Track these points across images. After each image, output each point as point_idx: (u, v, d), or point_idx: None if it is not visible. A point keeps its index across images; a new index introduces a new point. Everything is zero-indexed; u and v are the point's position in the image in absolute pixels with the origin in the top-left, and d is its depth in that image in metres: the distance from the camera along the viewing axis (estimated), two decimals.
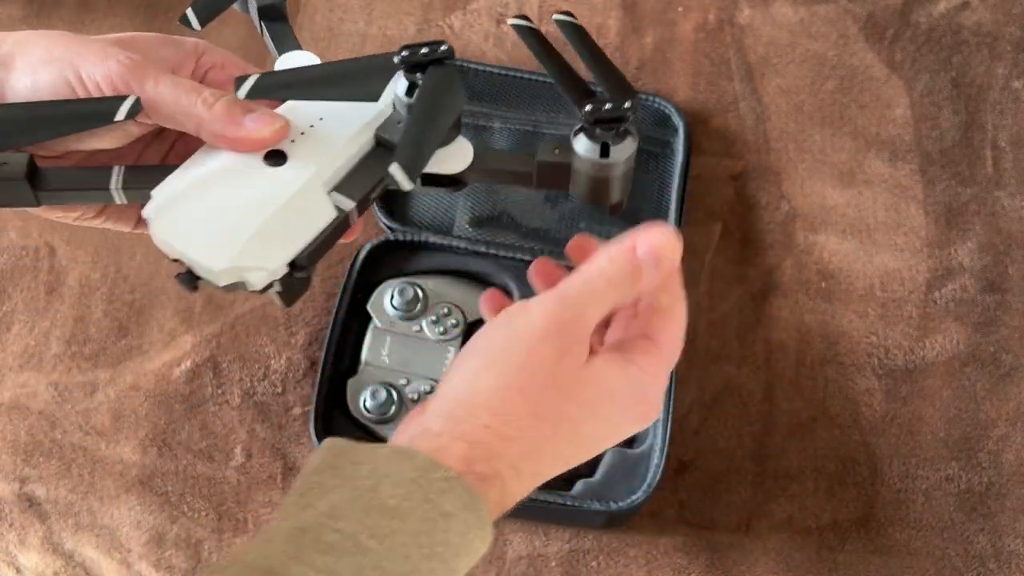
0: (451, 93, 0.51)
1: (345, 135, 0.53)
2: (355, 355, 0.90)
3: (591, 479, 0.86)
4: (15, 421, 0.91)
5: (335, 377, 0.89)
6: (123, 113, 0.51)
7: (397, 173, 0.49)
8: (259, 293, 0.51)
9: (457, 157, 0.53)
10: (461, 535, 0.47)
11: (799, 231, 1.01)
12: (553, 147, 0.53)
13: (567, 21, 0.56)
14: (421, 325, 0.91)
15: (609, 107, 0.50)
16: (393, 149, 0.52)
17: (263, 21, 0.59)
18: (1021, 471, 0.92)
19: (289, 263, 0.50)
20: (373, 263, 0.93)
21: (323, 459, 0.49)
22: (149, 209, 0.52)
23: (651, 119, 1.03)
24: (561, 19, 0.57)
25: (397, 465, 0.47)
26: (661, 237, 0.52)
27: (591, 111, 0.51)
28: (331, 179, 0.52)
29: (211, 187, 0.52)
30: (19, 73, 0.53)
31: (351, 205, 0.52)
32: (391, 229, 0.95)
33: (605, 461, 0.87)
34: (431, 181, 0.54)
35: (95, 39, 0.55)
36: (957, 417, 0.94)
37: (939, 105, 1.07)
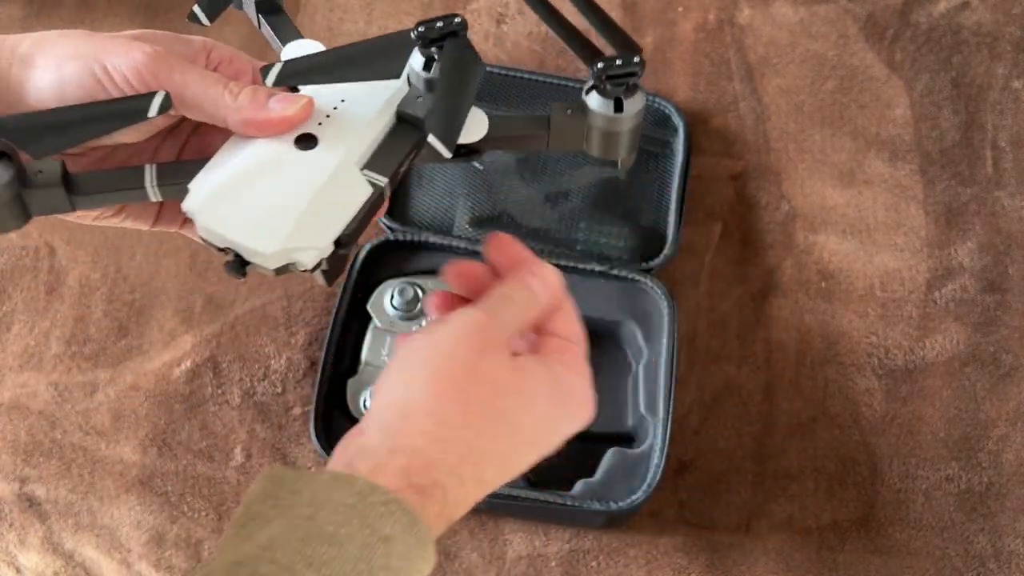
0: (472, 62, 0.53)
1: (368, 114, 0.54)
2: (355, 355, 0.90)
3: (591, 479, 0.86)
4: (15, 421, 0.91)
5: (335, 377, 0.89)
6: (155, 108, 0.52)
7: (436, 143, 0.51)
8: (308, 272, 0.52)
9: (474, 126, 0.55)
10: (402, 557, 0.47)
11: (799, 231, 1.01)
12: (566, 108, 0.55)
13: None
14: (421, 325, 0.91)
15: (620, 63, 0.52)
16: (416, 123, 0.54)
17: (261, 15, 0.60)
18: (1021, 471, 0.92)
19: (334, 241, 0.52)
20: (373, 263, 0.93)
21: (263, 488, 0.49)
22: (190, 202, 0.53)
23: (651, 119, 1.03)
24: None
25: (336, 492, 0.47)
26: (539, 267, 0.56)
27: (603, 67, 0.53)
28: (362, 157, 0.54)
29: (249, 175, 0.53)
30: (41, 71, 0.54)
31: (384, 181, 0.53)
32: (391, 229, 0.95)
33: (605, 461, 0.87)
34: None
35: (115, 35, 0.56)
36: (957, 417, 0.94)
37: (939, 105, 1.07)
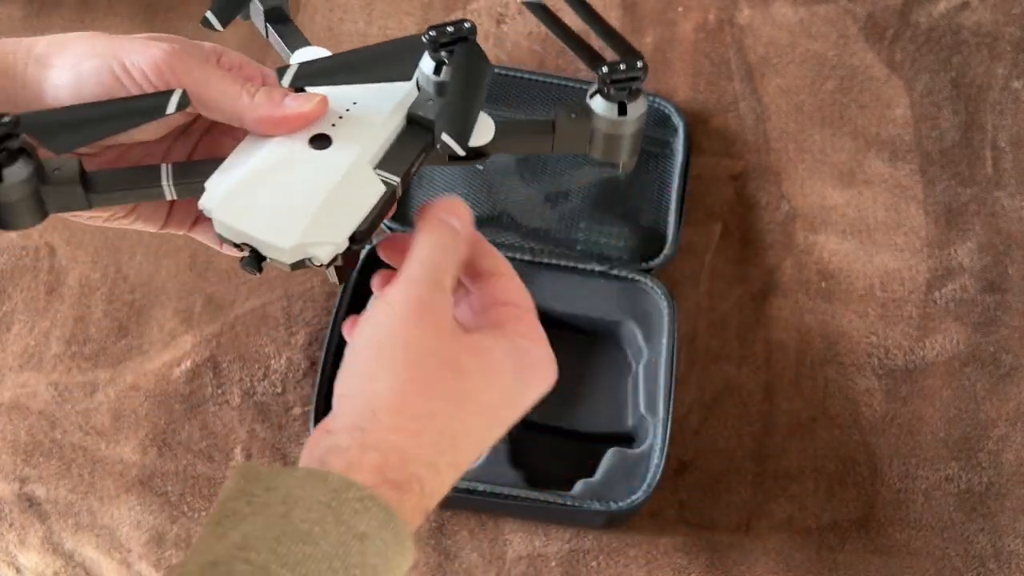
0: (482, 66, 0.55)
1: (380, 116, 0.56)
2: None
3: (591, 479, 0.86)
4: (15, 421, 0.91)
5: (335, 377, 0.89)
6: (173, 106, 0.53)
7: (450, 142, 0.53)
8: (323, 267, 0.54)
9: (481, 130, 0.57)
10: (378, 554, 0.46)
11: (799, 231, 1.01)
12: (570, 111, 0.57)
13: None
14: None
15: (624, 68, 0.54)
16: (427, 125, 0.56)
17: (269, 24, 0.61)
18: (1021, 471, 0.92)
19: (349, 237, 0.53)
20: (373, 263, 0.93)
21: (237, 485, 0.48)
22: (208, 199, 0.54)
23: (651, 119, 1.03)
24: None
25: (310, 489, 0.47)
26: (446, 198, 0.56)
27: (609, 71, 0.55)
28: (375, 157, 0.55)
29: (266, 172, 0.54)
30: (58, 70, 0.54)
31: (397, 180, 0.55)
32: (391, 229, 0.95)
33: (605, 461, 0.87)
34: (456, 156, 0.57)
35: (131, 36, 0.57)
36: (957, 417, 0.94)
37: (939, 105, 1.07)
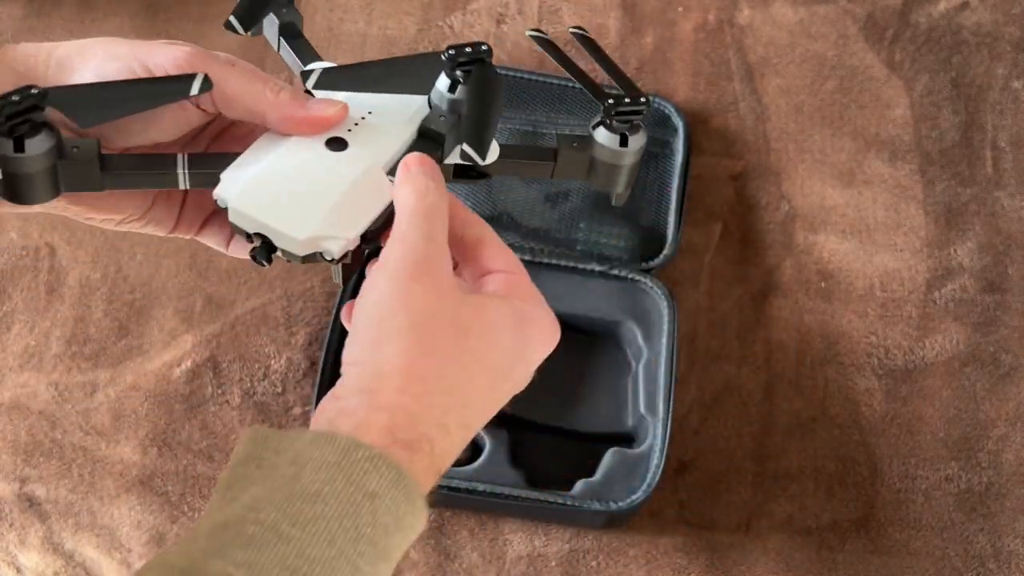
0: (497, 85, 0.58)
1: (394, 126, 0.59)
2: None
3: (591, 479, 0.86)
4: (15, 421, 0.91)
5: (335, 377, 0.88)
6: (196, 87, 0.54)
7: (469, 151, 0.56)
8: (332, 263, 0.56)
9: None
10: (391, 513, 0.47)
11: (799, 231, 1.01)
12: (572, 140, 0.60)
13: (580, 34, 0.63)
14: None
15: (628, 101, 0.57)
16: (438, 139, 0.59)
17: (283, 38, 0.64)
18: (1021, 471, 0.92)
19: (360, 235, 0.55)
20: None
21: (246, 450, 0.49)
22: (224, 189, 0.55)
23: (651, 119, 1.03)
24: (576, 32, 0.63)
25: (319, 450, 0.47)
26: (412, 155, 0.57)
27: (614, 103, 0.57)
28: (388, 163, 0.58)
29: (283, 167, 0.56)
30: (80, 72, 0.55)
31: None
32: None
33: (605, 461, 0.87)
34: (461, 174, 0.60)
35: (149, 42, 0.58)
36: (957, 417, 0.94)
37: (939, 105, 1.07)
